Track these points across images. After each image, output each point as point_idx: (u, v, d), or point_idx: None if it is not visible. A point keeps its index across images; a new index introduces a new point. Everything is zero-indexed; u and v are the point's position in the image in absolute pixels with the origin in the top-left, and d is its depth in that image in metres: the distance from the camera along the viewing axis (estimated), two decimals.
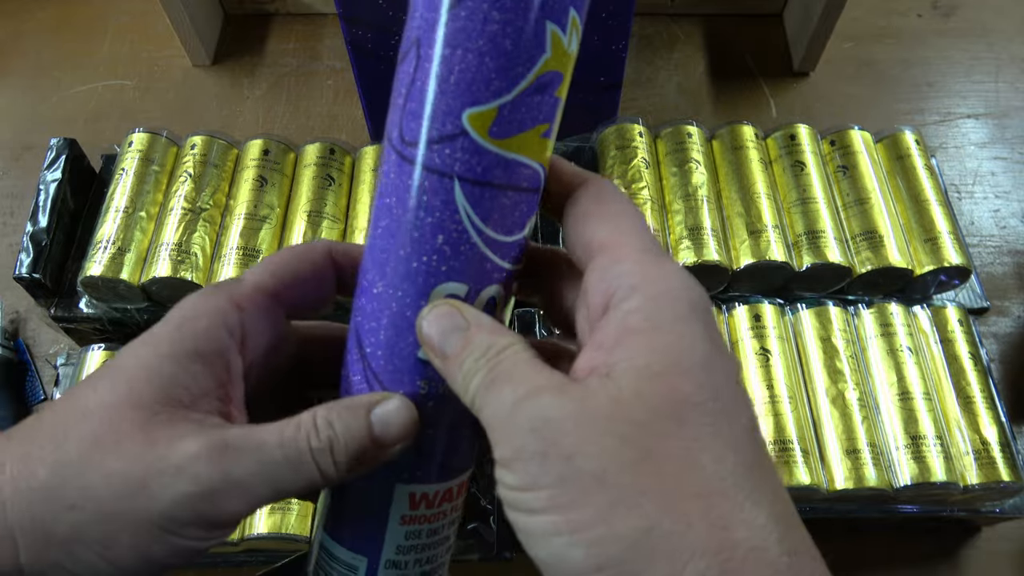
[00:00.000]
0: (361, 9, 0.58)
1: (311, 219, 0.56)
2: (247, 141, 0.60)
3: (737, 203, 0.57)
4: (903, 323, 0.54)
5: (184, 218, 0.55)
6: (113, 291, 0.55)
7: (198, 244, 0.55)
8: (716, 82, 0.81)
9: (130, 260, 0.54)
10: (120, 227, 0.55)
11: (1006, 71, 0.84)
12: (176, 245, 0.54)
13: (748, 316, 0.53)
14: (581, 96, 0.67)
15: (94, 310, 0.57)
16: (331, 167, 0.59)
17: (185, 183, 0.57)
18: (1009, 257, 0.71)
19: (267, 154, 0.59)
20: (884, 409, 0.52)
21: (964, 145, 0.78)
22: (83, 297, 0.57)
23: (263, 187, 0.57)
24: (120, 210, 0.56)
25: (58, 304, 0.57)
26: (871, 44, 0.85)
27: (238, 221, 0.56)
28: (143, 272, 0.55)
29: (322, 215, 0.56)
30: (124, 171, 0.58)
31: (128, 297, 0.56)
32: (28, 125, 0.77)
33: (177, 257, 0.54)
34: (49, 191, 0.58)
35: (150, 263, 0.54)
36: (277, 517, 0.48)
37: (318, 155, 0.59)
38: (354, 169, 0.60)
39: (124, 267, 0.54)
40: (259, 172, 0.58)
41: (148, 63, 0.81)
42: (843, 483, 0.49)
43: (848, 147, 0.60)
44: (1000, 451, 0.50)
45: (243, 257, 0.54)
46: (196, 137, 0.59)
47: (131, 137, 0.59)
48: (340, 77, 0.80)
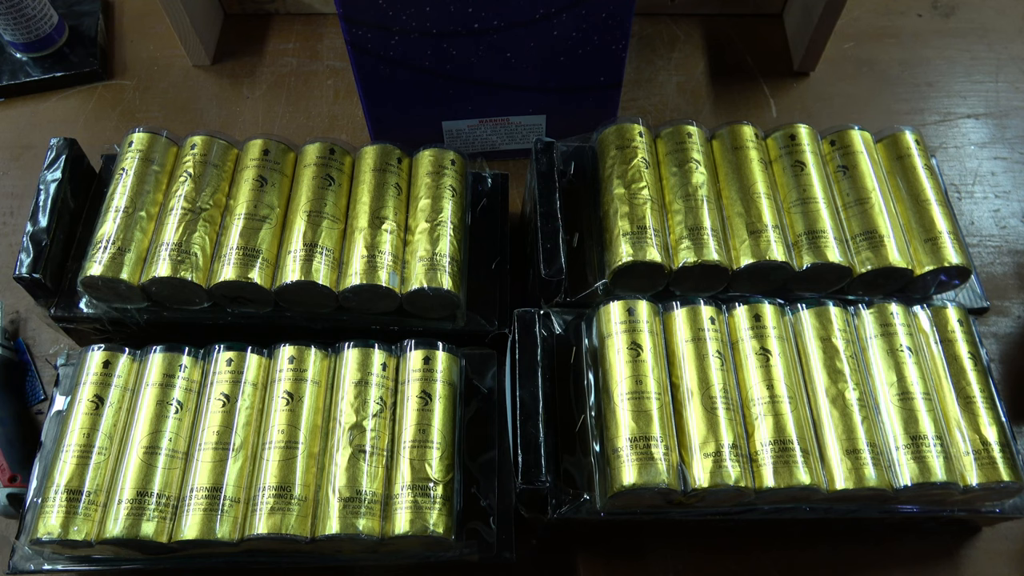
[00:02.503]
0: (361, 9, 0.58)
1: (311, 219, 0.56)
2: (247, 141, 0.60)
3: (737, 203, 0.57)
4: (903, 323, 0.54)
5: (184, 218, 0.55)
6: (113, 291, 0.55)
7: (198, 244, 0.55)
8: (716, 82, 0.81)
9: (130, 260, 0.54)
10: (120, 227, 0.55)
11: (1006, 71, 0.84)
12: (176, 245, 0.54)
13: (748, 316, 0.53)
14: (581, 96, 0.67)
15: (94, 310, 0.57)
16: (331, 167, 0.59)
17: (185, 183, 0.57)
18: (1009, 257, 0.71)
19: (267, 154, 0.59)
20: (884, 409, 0.52)
21: (964, 145, 0.78)
22: (83, 297, 0.56)
23: (263, 187, 0.57)
24: (120, 210, 0.56)
25: (58, 304, 0.57)
26: (871, 44, 0.85)
27: (238, 221, 0.56)
28: (143, 272, 0.54)
29: (322, 215, 0.56)
30: (124, 171, 0.57)
31: (128, 297, 0.56)
32: (28, 125, 0.77)
33: (177, 257, 0.54)
34: (49, 191, 0.57)
35: (150, 263, 0.54)
36: (277, 517, 0.48)
37: (318, 155, 0.59)
38: (354, 169, 0.60)
39: (124, 267, 0.54)
40: (259, 172, 0.58)
41: (148, 63, 0.81)
42: (843, 483, 0.49)
43: (848, 147, 0.60)
44: (1000, 451, 0.50)
45: (243, 257, 0.54)
46: (196, 137, 0.59)
47: (131, 137, 0.59)
48: (340, 77, 0.80)
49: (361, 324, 0.57)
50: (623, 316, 0.52)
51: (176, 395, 0.52)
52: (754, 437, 0.49)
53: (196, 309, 0.57)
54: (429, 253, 0.55)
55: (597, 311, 0.53)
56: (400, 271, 0.55)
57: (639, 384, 0.49)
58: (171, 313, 0.57)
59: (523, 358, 0.51)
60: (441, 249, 0.56)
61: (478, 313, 0.58)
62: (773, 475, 0.48)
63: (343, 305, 0.56)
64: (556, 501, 0.49)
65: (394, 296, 0.55)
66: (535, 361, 0.51)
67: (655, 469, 0.47)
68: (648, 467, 0.47)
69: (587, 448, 0.50)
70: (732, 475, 0.47)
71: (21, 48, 0.78)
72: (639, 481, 0.47)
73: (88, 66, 0.78)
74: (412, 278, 0.55)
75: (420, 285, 0.54)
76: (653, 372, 0.50)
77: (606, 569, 0.57)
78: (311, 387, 0.52)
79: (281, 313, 0.57)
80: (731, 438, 0.48)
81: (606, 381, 0.51)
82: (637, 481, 0.47)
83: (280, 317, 0.57)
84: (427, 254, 0.55)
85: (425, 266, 0.55)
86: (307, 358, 0.53)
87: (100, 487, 0.49)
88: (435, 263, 0.55)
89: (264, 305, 0.56)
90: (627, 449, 0.48)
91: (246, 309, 0.57)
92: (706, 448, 0.48)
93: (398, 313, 0.57)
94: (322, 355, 0.54)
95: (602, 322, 0.53)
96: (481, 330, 0.57)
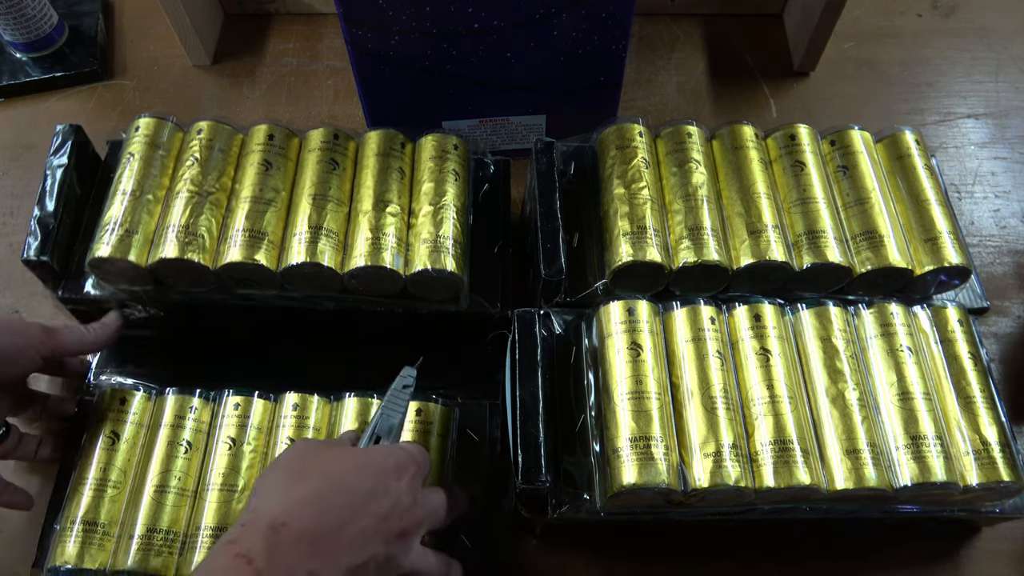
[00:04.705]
0: (361, 9, 0.58)
1: (316, 202, 0.56)
2: (252, 126, 0.60)
3: (737, 203, 0.57)
4: (903, 323, 0.54)
5: (191, 201, 0.56)
6: (120, 272, 0.56)
7: (205, 226, 0.55)
8: (716, 82, 0.81)
9: (137, 242, 0.55)
10: (128, 209, 0.56)
11: (1006, 71, 0.84)
12: (183, 227, 0.55)
13: (748, 316, 0.53)
14: (581, 96, 0.67)
15: (101, 291, 0.57)
16: (335, 152, 0.59)
17: (191, 167, 0.57)
18: (1009, 257, 0.71)
19: (272, 139, 0.59)
20: (884, 409, 0.52)
21: (964, 145, 0.78)
22: (90, 279, 0.57)
23: (268, 171, 0.58)
24: (127, 193, 0.56)
25: (65, 286, 0.58)
26: (871, 44, 0.85)
27: (244, 204, 0.56)
28: (150, 253, 0.55)
29: (327, 198, 0.57)
30: (131, 155, 0.58)
31: (135, 278, 0.56)
32: (28, 125, 0.77)
33: (184, 239, 0.54)
34: (56, 176, 0.58)
35: (157, 245, 0.55)
36: None
37: (322, 140, 0.59)
38: (358, 154, 0.60)
39: (132, 248, 0.55)
40: (264, 156, 0.58)
41: (148, 63, 0.81)
42: (843, 483, 0.49)
43: (848, 147, 0.60)
44: (1000, 451, 0.50)
45: (249, 239, 0.55)
46: (202, 122, 0.60)
47: (138, 122, 0.60)
48: (340, 77, 0.80)
49: (365, 306, 0.58)
50: (623, 316, 0.52)
51: (186, 436, 0.54)
52: (754, 437, 0.49)
53: (202, 291, 0.57)
54: (433, 235, 0.56)
55: (597, 311, 0.53)
56: (404, 253, 0.56)
57: (639, 384, 0.49)
58: (177, 295, 0.57)
59: (523, 358, 0.51)
60: (445, 231, 0.56)
61: (481, 295, 0.58)
62: (773, 475, 0.48)
63: (348, 287, 0.56)
64: (556, 501, 0.49)
65: (398, 278, 0.55)
66: (535, 361, 0.51)
67: (655, 469, 0.47)
68: (648, 467, 0.47)
69: (587, 448, 0.50)
70: (732, 475, 0.47)
71: (21, 48, 0.77)
72: (639, 481, 0.47)
73: (88, 66, 0.78)
74: (416, 260, 0.55)
75: (424, 266, 0.54)
76: (653, 372, 0.50)
77: (606, 569, 0.57)
78: (312, 434, 0.54)
79: (286, 295, 0.57)
80: (731, 438, 0.48)
81: (606, 381, 0.51)
82: (637, 481, 0.47)
83: (285, 299, 0.57)
84: (431, 236, 0.56)
85: (429, 248, 0.55)
86: (309, 406, 0.55)
87: (113, 520, 0.52)
88: (439, 245, 0.55)
89: (270, 287, 0.57)
90: (627, 449, 0.48)
91: (252, 291, 0.57)
92: (706, 448, 0.48)
93: (402, 295, 0.57)
94: (324, 402, 0.56)
95: (602, 322, 0.53)
96: (484, 312, 0.58)
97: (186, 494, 0.53)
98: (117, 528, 0.52)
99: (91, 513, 0.51)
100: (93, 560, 0.50)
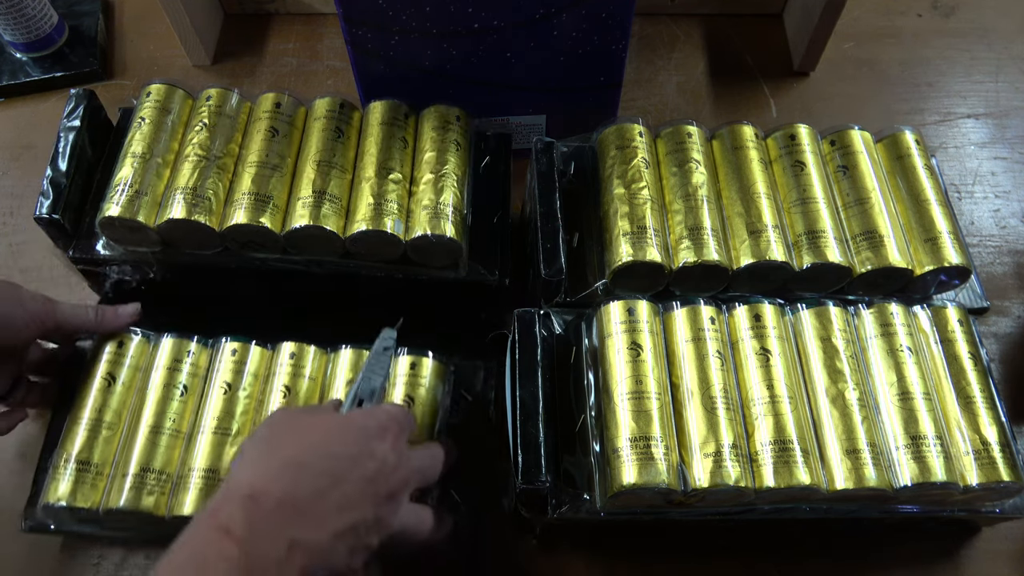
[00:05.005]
0: (361, 9, 0.58)
1: (320, 168, 0.57)
2: (260, 95, 0.61)
3: (737, 203, 0.57)
4: (903, 323, 0.54)
5: (199, 164, 0.57)
6: (129, 232, 0.56)
7: (212, 189, 0.56)
8: (716, 82, 0.81)
9: (147, 203, 0.56)
10: (138, 171, 0.57)
11: (1006, 71, 0.84)
12: (191, 189, 0.56)
13: (748, 316, 0.53)
14: (581, 96, 0.67)
15: (111, 251, 0.58)
16: (340, 120, 0.60)
17: (200, 132, 0.58)
18: (1009, 257, 0.71)
19: (279, 107, 0.60)
20: (884, 409, 0.52)
21: (964, 145, 0.78)
22: (100, 239, 0.58)
23: (275, 137, 0.59)
24: (138, 155, 0.57)
25: (76, 246, 0.58)
26: (871, 44, 0.85)
27: (250, 169, 0.57)
28: (158, 215, 0.56)
29: (331, 164, 0.58)
30: (142, 119, 0.59)
31: (143, 239, 0.57)
32: (28, 125, 0.77)
33: (192, 201, 0.55)
34: (68, 138, 0.59)
35: (165, 206, 0.56)
36: None
37: (328, 109, 0.60)
38: (362, 123, 0.61)
39: (141, 209, 0.55)
40: (271, 123, 0.59)
41: (148, 63, 0.81)
42: (843, 483, 0.49)
43: (848, 147, 0.60)
44: (1000, 451, 0.50)
45: (255, 202, 0.55)
46: (211, 89, 0.61)
47: (149, 88, 0.61)
48: (340, 77, 0.80)
49: (366, 271, 0.58)
50: (623, 316, 0.52)
51: (183, 379, 0.54)
52: (754, 437, 0.49)
53: (208, 253, 0.58)
54: (433, 202, 0.56)
55: (597, 311, 0.53)
56: (405, 220, 0.56)
57: (639, 384, 0.49)
58: (184, 257, 0.58)
59: (523, 358, 0.51)
60: (445, 199, 0.57)
61: (480, 263, 0.58)
62: (773, 475, 0.48)
63: (349, 251, 0.57)
64: (556, 501, 0.49)
65: (398, 243, 0.56)
66: (535, 361, 0.51)
67: (655, 469, 0.47)
68: (648, 467, 0.47)
69: (587, 448, 0.50)
70: (732, 475, 0.47)
71: (21, 48, 0.78)
72: (639, 481, 0.47)
73: (88, 66, 0.78)
74: (416, 225, 0.56)
75: (424, 232, 0.55)
76: (653, 372, 0.50)
77: (606, 569, 0.57)
78: (307, 383, 0.55)
79: (289, 258, 0.58)
80: (731, 438, 0.48)
81: (606, 381, 0.51)
82: (637, 481, 0.47)
83: (288, 262, 0.58)
84: (431, 203, 0.56)
85: (429, 214, 0.56)
86: (306, 355, 0.56)
87: (107, 460, 0.52)
88: (439, 212, 0.56)
89: (274, 250, 0.57)
90: (627, 449, 0.48)
91: (256, 254, 0.58)
92: (706, 448, 0.48)
93: (402, 261, 0.58)
94: (320, 352, 0.56)
95: (602, 322, 0.53)
96: (482, 280, 0.58)
97: (180, 436, 0.53)
98: (111, 468, 0.52)
99: (85, 453, 0.52)
100: (86, 499, 0.51)
